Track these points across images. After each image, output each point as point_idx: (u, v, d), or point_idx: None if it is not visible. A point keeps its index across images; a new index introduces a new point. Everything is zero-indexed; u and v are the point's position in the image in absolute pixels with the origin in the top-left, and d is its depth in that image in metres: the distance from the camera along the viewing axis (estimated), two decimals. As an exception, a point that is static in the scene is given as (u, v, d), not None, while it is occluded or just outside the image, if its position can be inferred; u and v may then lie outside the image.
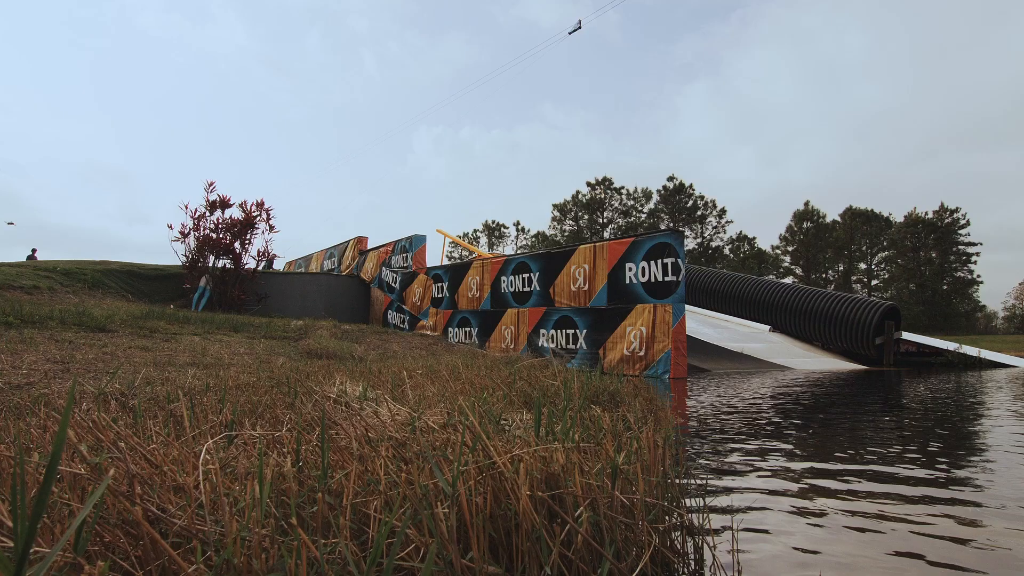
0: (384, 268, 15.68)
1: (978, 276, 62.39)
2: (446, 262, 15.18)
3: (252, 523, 0.89)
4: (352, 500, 1.02)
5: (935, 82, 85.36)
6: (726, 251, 66.51)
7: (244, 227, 15.62)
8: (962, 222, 61.66)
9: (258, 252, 15.90)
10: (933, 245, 61.94)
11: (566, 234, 67.59)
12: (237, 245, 15.57)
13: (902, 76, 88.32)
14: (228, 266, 15.48)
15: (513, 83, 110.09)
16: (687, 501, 1.80)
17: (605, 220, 68.32)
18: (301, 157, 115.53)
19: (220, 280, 15.19)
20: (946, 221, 61.81)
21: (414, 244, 14.57)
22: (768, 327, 15.26)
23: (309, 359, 7.59)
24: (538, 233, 71.86)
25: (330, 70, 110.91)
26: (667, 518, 1.34)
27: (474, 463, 1.13)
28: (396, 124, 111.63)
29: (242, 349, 8.02)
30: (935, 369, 12.10)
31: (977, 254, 61.87)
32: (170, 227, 15.27)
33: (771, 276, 62.84)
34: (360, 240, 17.66)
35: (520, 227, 73.05)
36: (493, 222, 73.49)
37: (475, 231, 73.72)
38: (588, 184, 68.68)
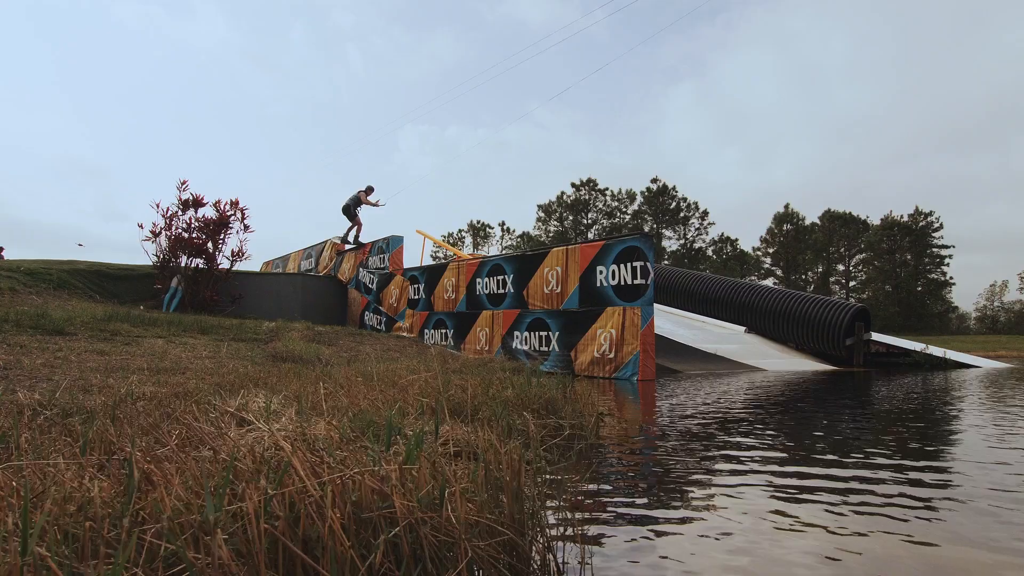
0: (361, 269, 15.58)
1: (951, 278, 63.54)
2: (429, 262, 15.13)
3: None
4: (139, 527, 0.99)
5: (914, 87, 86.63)
6: (709, 252, 67.03)
7: (218, 227, 15.42)
8: (936, 225, 62.71)
9: (232, 252, 15.72)
10: (908, 247, 62.86)
11: (551, 235, 67.72)
12: (210, 245, 15.37)
13: (883, 81, 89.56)
14: (201, 266, 15.28)
15: (500, 82, 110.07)
16: (550, 516, 1.79)
17: (590, 221, 68.54)
18: (283, 154, 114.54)
19: (192, 281, 14.99)
20: (920, 224, 62.80)
21: (391, 245, 14.48)
22: (743, 328, 15.37)
23: (274, 363, 7.50)
24: (523, 233, 71.91)
25: (313, 65, 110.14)
26: (528, 534, 1.33)
27: (295, 485, 1.10)
28: (381, 122, 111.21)
29: (205, 352, 7.91)
30: (902, 369, 12.25)
31: (950, 256, 63.01)
32: (140, 226, 15.04)
33: (752, 277, 63.50)
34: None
35: (505, 227, 73.04)
36: (478, 222, 73.42)
37: (459, 231, 73.60)
38: (573, 185, 68.87)
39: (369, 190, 16.31)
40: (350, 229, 16.34)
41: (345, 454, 1.43)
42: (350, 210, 16.15)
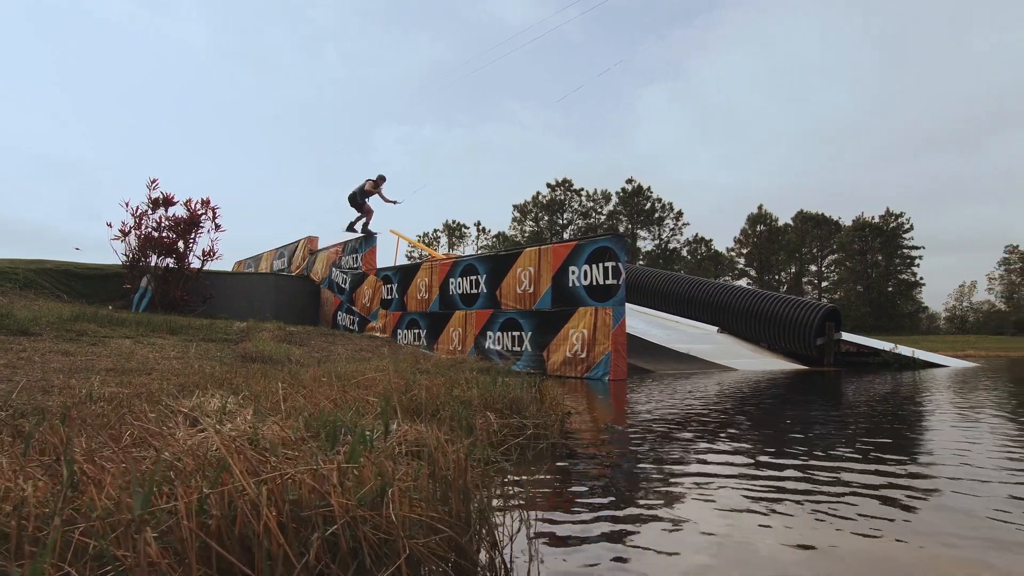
0: (334, 269, 15.48)
1: (921, 278, 64.91)
2: (404, 262, 15.07)
3: None
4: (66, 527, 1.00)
5: (887, 92, 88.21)
6: (683, 253, 67.64)
7: (189, 226, 15.23)
8: (906, 226, 63.98)
9: (203, 251, 15.53)
10: (879, 248, 64.04)
11: (526, 235, 67.83)
12: (181, 244, 15.18)
13: (857, 84, 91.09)
14: (171, 266, 15.08)
15: (477, 82, 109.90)
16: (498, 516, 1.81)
17: (565, 221, 68.78)
18: (258, 153, 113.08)
19: (163, 280, 14.79)
20: (891, 225, 64.02)
21: (364, 245, 14.41)
22: (716, 328, 15.53)
23: (244, 363, 7.43)
24: (499, 233, 71.89)
25: (291, 64, 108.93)
26: (474, 532, 1.35)
27: (232, 484, 1.11)
28: (359, 121, 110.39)
29: (173, 353, 7.81)
30: (871, 369, 12.49)
31: (920, 257, 64.34)
32: (109, 225, 14.79)
33: (726, 278, 64.19)
34: (311, 240, 17.40)
35: (481, 227, 72.98)
36: (453, 222, 73.26)
37: (435, 231, 73.37)
38: (548, 185, 69.03)
39: (380, 180, 14.84)
40: (359, 218, 15.01)
41: (296, 454, 1.43)
42: (356, 199, 14.87)
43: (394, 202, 14.94)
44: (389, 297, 13.22)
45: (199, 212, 15.36)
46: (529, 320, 9.78)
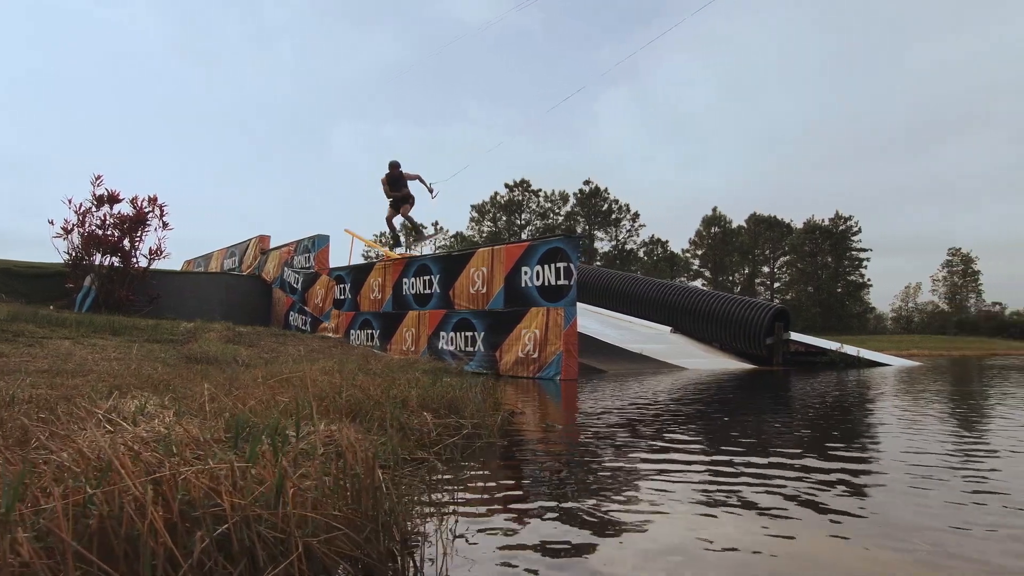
0: (286, 268, 15.23)
1: (868, 280, 67.00)
2: (362, 262, 14.91)
3: None
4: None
5: (840, 96, 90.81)
6: (640, 254, 68.44)
7: (135, 224, 14.80)
8: (855, 229, 65.99)
9: (150, 250, 15.11)
10: (829, 250, 65.92)
11: (484, 235, 67.75)
12: (126, 243, 14.74)
13: (811, 89, 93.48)
14: (116, 265, 14.63)
15: (436, 81, 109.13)
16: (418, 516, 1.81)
17: (523, 222, 68.91)
18: (208, 149, 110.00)
19: (107, 280, 14.33)
20: (840, 228, 65.98)
21: (317, 244, 14.21)
22: (670, 328, 15.74)
23: (188, 365, 7.25)
24: (457, 233, 71.64)
25: (244, 59, 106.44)
26: (381, 531, 1.35)
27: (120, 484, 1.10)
28: (314, 119, 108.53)
29: (115, 354, 7.58)
30: (818, 368, 12.83)
31: (868, 259, 66.43)
32: (51, 223, 14.29)
33: (682, 278, 65.22)
34: (262, 239, 17.07)
35: (438, 227, 72.58)
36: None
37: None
38: (506, 186, 69.02)
39: (394, 166, 12.94)
40: (405, 208, 12.92)
41: (201, 454, 1.41)
42: (399, 187, 12.73)
43: (431, 190, 13.09)
44: (342, 297, 13.06)
45: (146, 210, 14.94)
46: (482, 320, 9.78)
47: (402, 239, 14.67)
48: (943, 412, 4.91)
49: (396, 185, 12.89)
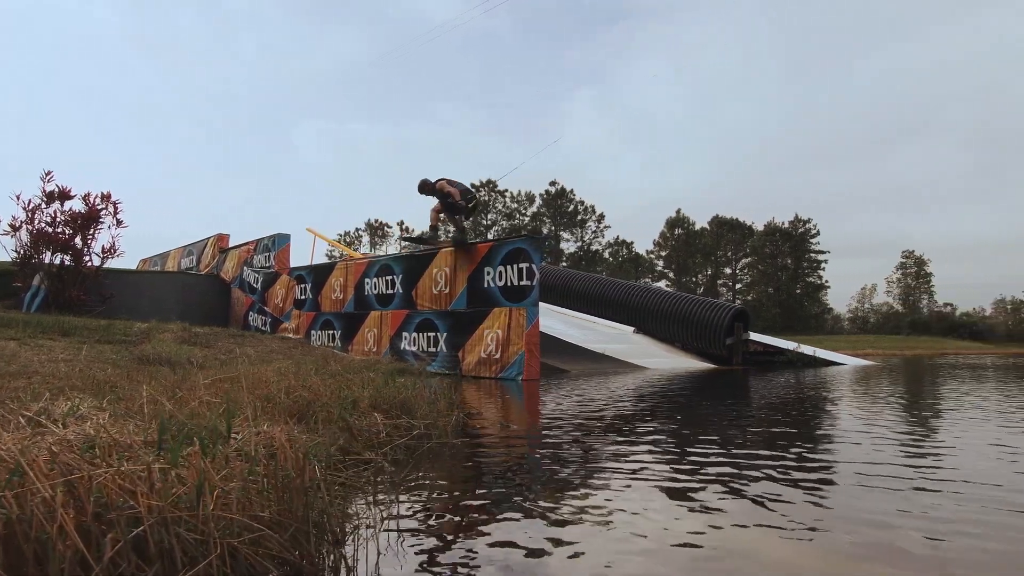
0: (246, 268, 14.93)
1: (826, 281, 68.75)
2: (324, 261, 14.70)
3: None
4: None
5: (800, 101, 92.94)
6: (605, 255, 69.04)
7: (87, 221, 14.34)
8: (813, 232, 67.66)
9: (103, 248, 14.66)
10: (788, 252, 67.39)
11: (450, 235, 67.57)
12: (78, 240, 14.28)
13: (771, 94, 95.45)
14: (67, 263, 14.17)
15: (403, 79, 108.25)
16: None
17: (489, 222, 68.92)
18: (166, 145, 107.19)
19: (57, 279, 13.87)
20: (800, 231, 67.53)
21: (277, 243, 13.97)
22: (632, 329, 15.86)
23: (139, 366, 7.05)
24: (422, 233, 71.28)
25: (204, 52, 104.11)
26: (312, 532, 1.32)
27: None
28: (277, 115, 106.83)
29: (63, 355, 7.32)
30: (776, 367, 13.08)
31: (826, 261, 68.15)
32: (-2, 219, 13.79)
33: (646, 279, 65.95)
34: (221, 238, 16.72)
35: (404, 227, 72.20)
36: (376, 221, 72.17)
37: (357, 230, 72.05)
38: (473, 186, 68.89)
39: (425, 187, 10.90)
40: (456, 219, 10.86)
41: (128, 456, 1.36)
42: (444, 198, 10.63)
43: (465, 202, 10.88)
44: (303, 297, 12.87)
45: (98, 207, 14.48)
46: (444, 321, 9.73)
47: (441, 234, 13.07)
48: (892, 409, 5.03)
49: (442, 197, 10.74)
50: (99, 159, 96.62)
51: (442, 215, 10.84)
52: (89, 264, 14.41)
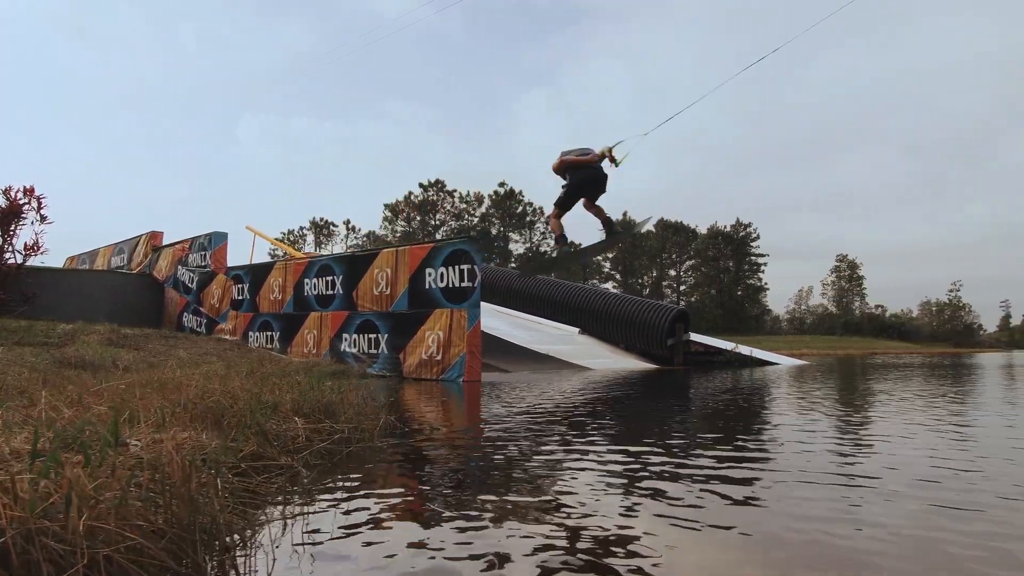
0: (180, 267, 14.42)
1: (766, 283, 70.95)
2: (267, 260, 14.32)
3: None
4: None
5: (746, 107, 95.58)
6: (554, 256, 69.43)
7: (8, 217, 13.60)
8: (754, 235, 69.72)
9: (25, 246, 13.93)
10: (730, 255, 69.27)
11: (398, 235, 66.98)
12: (-2, 237, 13.54)
13: (717, 101, 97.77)
14: (-14, 261, 13.42)
15: (352, 75, 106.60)
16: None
17: (438, 222, 68.58)
18: (96, 138, 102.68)
19: (-27, 277, 13.13)
20: (741, 234, 69.50)
21: (214, 242, 13.53)
22: (577, 330, 15.98)
23: (60, 369, 6.71)
24: (369, 232, 70.42)
25: (139, 42, 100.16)
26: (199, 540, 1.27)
27: None
28: (218, 109, 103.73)
29: (-27, 358, 6.91)
30: (714, 367, 13.40)
31: (765, 264, 70.33)
32: (-93, 215, 12.94)
33: (594, 280, 66.69)
34: (154, 235, 16.09)
35: (351, 226, 71.16)
36: (321, 219, 70.89)
37: (301, 228, 70.63)
38: (421, 185, 68.48)
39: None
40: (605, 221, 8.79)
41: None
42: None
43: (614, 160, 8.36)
44: (240, 297, 12.51)
45: (20, 202, 13.74)
46: (385, 322, 9.60)
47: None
48: (819, 408, 5.20)
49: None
50: (21, 152, 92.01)
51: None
52: (11, 262, 13.69)
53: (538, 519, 1.88)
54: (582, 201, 8.10)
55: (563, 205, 8.14)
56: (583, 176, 7.81)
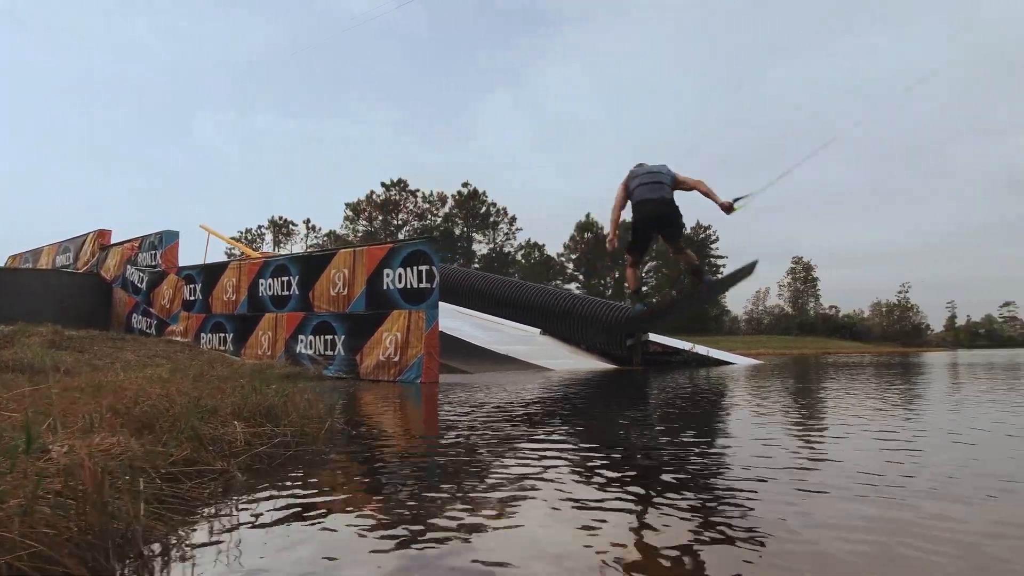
0: (129, 266, 14.01)
1: (725, 284, 72.30)
2: (223, 260, 13.97)
3: None
4: None
5: (706, 111, 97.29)
6: (518, 257, 69.74)
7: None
8: (713, 237, 71.05)
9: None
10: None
11: (359, 234, 66.36)
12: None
13: (681, 104, 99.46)
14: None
15: (315, 73, 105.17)
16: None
17: (400, 222, 68.15)
18: (40, 133, 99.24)
19: (-93, 277, 12.56)
20: (701, 236, 70.76)
21: (165, 241, 13.18)
22: (539, 330, 15.99)
23: (-5, 373, 6.44)
24: (330, 232, 69.57)
25: (89, 34, 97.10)
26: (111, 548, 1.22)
27: None
28: (173, 105, 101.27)
29: (-99, 362, 6.60)
30: (671, 367, 13.56)
31: (724, 266, 71.73)
32: None
33: (557, 281, 67.12)
34: (102, 234, 15.61)
35: (311, 225, 70.19)
36: (280, 218, 69.78)
37: (259, 227, 69.41)
38: (383, 185, 67.99)
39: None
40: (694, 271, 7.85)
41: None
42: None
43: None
44: (192, 298, 12.20)
45: (-41, 198, 13.24)
46: (342, 323, 9.47)
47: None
48: (769, 406, 5.29)
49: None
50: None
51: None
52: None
53: (482, 527, 1.85)
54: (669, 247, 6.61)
55: (631, 249, 6.54)
56: (645, 213, 6.39)
